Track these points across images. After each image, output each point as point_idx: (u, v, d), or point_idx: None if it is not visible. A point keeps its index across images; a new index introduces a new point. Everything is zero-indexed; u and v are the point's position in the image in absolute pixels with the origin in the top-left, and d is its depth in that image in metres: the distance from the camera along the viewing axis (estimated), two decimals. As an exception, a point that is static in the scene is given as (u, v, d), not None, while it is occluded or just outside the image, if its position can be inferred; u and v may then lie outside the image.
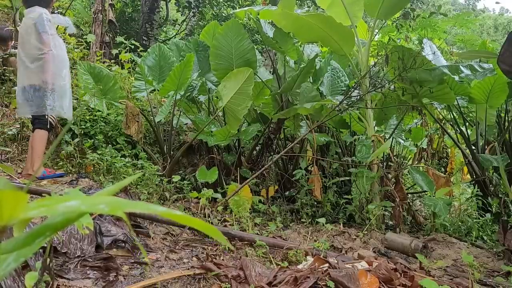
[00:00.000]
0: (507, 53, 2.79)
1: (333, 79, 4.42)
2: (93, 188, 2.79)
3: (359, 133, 4.31)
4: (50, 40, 3.22)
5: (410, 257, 2.76)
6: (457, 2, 42.30)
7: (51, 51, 3.22)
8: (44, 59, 3.21)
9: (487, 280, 2.30)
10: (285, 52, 4.09)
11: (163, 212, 0.41)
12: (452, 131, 4.67)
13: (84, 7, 8.84)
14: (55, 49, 3.26)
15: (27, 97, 3.21)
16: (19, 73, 3.31)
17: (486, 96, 3.85)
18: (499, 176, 3.67)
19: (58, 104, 3.26)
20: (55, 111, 3.27)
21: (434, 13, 5.32)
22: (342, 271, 1.83)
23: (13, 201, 0.38)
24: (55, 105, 3.24)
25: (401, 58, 3.54)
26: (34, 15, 3.25)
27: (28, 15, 3.30)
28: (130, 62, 5.89)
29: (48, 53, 3.21)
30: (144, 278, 1.85)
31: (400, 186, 3.59)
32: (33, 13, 3.27)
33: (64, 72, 3.34)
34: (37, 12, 3.25)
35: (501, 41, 3.34)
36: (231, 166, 4.13)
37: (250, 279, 1.87)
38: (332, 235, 3.07)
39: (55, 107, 3.25)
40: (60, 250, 1.85)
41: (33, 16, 3.25)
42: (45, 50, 3.21)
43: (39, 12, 3.25)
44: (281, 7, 3.58)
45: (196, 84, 4.30)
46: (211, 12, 10.02)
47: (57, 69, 3.28)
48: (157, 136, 4.18)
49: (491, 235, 3.35)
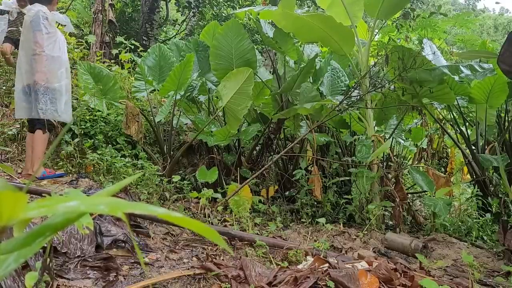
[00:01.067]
0: (507, 53, 2.79)
1: (333, 79, 4.42)
2: (93, 188, 2.79)
3: (359, 133, 4.31)
4: (43, 40, 3.12)
5: (410, 257, 2.76)
6: (457, 2, 42.29)
7: (43, 52, 3.12)
8: (35, 59, 3.11)
9: (487, 280, 2.30)
10: (285, 52, 4.09)
11: (162, 214, 0.41)
12: (452, 131, 4.67)
13: (84, 7, 8.84)
14: (49, 49, 3.15)
15: (23, 98, 3.14)
16: (17, 73, 3.22)
17: (486, 96, 3.85)
18: (499, 176, 3.67)
19: (51, 107, 3.16)
20: (47, 114, 3.16)
21: (434, 13, 5.32)
22: (342, 271, 1.83)
23: (13, 201, 0.38)
24: (47, 109, 3.14)
25: (401, 58, 3.54)
26: (31, 13, 3.15)
27: (27, 12, 3.22)
28: (130, 62, 5.89)
29: (40, 53, 3.11)
30: (144, 278, 1.85)
31: (400, 186, 3.59)
32: (31, 10, 3.17)
33: (59, 73, 3.22)
34: (35, 10, 3.15)
35: (501, 41, 3.34)
36: (231, 166, 4.13)
37: (250, 279, 1.87)
38: (332, 235, 3.07)
39: (46, 110, 3.14)
40: (60, 250, 1.85)
41: (31, 14, 3.15)
42: (37, 50, 3.11)
43: (36, 10, 3.15)
44: (281, 7, 3.58)
45: (196, 84, 4.30)
46: (211, 12, 10.03)
47: (51, 69, 3.17)
48: (157, 136, 4.18)
49: (491, 235, 3.35)
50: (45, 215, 0.41)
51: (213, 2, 9.68)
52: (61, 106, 3.23)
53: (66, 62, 3.34)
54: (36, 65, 3.11)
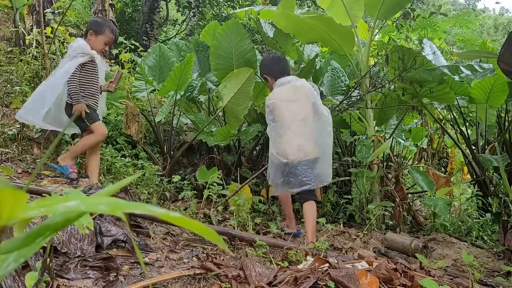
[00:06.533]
0: (507, 53, 2.79)
1: (333, 79, 4.42)
2: (93, 188, 2.79)
3: (359, 133, 4.31)
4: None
5: (410, 257, 2.76)
6: (457, 2, 42.29)
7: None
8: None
9: (487, 280, 2.29)
10: (285, 52, 4.09)
11: (162, 214, 0.41)
12: (452, 131, 4.67)
13: (84, 7, 8.83)
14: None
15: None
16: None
17: (486, 96, 3.85)
18: (499, 176, 3.67)
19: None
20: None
21: (434, 13, 5.32)
22: (342, 271, 1.83)
23: (13, 200, 0.38)
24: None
25: (401, 58, 3.54)
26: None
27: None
28: (130, 62, 5.89)
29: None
30: (144, 278, 1.84)
31: (400, 186, 3.59)
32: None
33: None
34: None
35: (501, 41, 3.34)
36: (231, 166, 4.13)
37: (250, 279, 1.87)
38: (332, 235, 3.07)
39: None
40: (60, 250, 1.85)
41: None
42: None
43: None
44: (281, 8, 3.58)
45: (196, 84, 4.30)
46: (211, 12, 10.03)
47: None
48: (157, 136, 4.18)
49: (491, 235, 3.35)
50: (45, 215, 0.41)
51: (213, 2, 9.68)
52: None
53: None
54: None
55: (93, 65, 3.20)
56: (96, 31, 3.19)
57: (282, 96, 2.91)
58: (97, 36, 3.19)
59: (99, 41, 3.20)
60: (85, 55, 3.12)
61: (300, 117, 2.86)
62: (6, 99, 4.55)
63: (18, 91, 4.51)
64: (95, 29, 3.20)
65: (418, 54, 3.55)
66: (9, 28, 6.20)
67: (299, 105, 2.88)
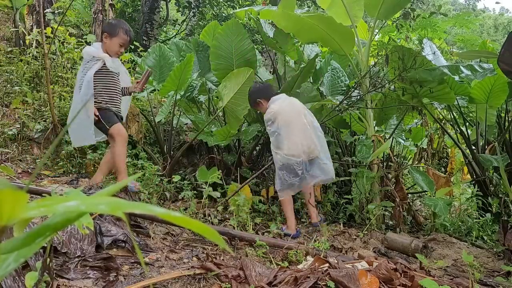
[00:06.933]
0: (507, 53, 2.79)
1: (333, 79, 4.42)
2: (93, 188, 2.79)
3: (359, 133, 4.31)
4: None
5: (410, 257, 2.76)
6: (457, 2, 42.30)
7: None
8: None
9: (487, 280, 2.29)
10: (285, 52, 4.09)
11: (162, 214, 0.41)
12: (452, 131, 4.67)
13: (84, 7, 8.83)
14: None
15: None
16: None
17: (486, 96, 3.85)
18: (499, 176, 3.67)
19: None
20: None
21: (434, 13, 5.32)
22: (342, 271, 1.83)
23: (13, 201, 0.38)
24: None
25: (401, 58, 3.54)
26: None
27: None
28: (130, 62, 5.89)
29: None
30: (144, 278, 1.84)
31: (400, 186, 3.59)
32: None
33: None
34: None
35: (501, 41, 3.34)
36: (231, 166, 4.13)
37: (250, 279, 1.87)
38: (332, 235, 3.07)
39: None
40: (60, 250, 1.85)
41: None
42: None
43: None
44: (281, 8, 3.58)
45: (196, 84, 4.30)
46: (211, 12, 10.03)
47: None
48: (157, 136, 4.18)
49: (491, 235, 3.35)
50: (45, 215, 0.41)
51: (213, 2, 9.68)
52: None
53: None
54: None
55: (106, 68, 3.08)
56: (110, 33, 3.08)
57: (282, 106, 3.22)
58: (111, 39, 3.08)
59: (114, 43, 3.09)
60: (97, 60, 3.02)
61: (300, 122, 3.19)
62: (6, 99, 4.55)
63: (18, 91, 4.51)
64: (109, 31, 3.09)
65: (418, 54, 3.55)
66: (9, 28, 6.21)
67: (296, 113, 3.23)
